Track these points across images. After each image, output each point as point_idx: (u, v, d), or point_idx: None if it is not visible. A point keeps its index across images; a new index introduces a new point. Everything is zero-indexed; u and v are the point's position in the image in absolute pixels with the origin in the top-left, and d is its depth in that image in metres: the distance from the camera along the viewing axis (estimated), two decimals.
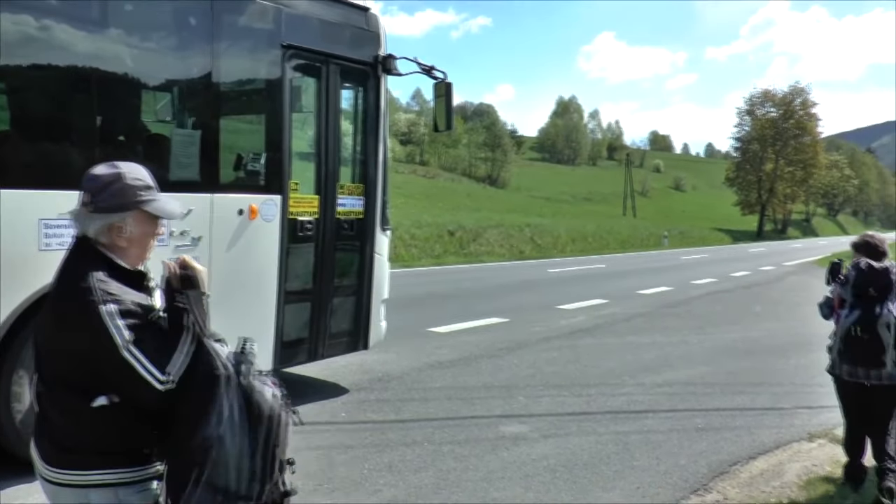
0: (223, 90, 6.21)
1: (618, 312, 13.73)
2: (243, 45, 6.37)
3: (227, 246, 6.04)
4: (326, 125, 6.93)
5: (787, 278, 24.18)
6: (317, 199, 6.82)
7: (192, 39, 6.00)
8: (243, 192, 6.23)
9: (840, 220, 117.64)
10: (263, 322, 6.34)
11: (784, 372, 9.63)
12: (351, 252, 7.27)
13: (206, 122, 6.06)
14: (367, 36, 7.18)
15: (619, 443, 6.21)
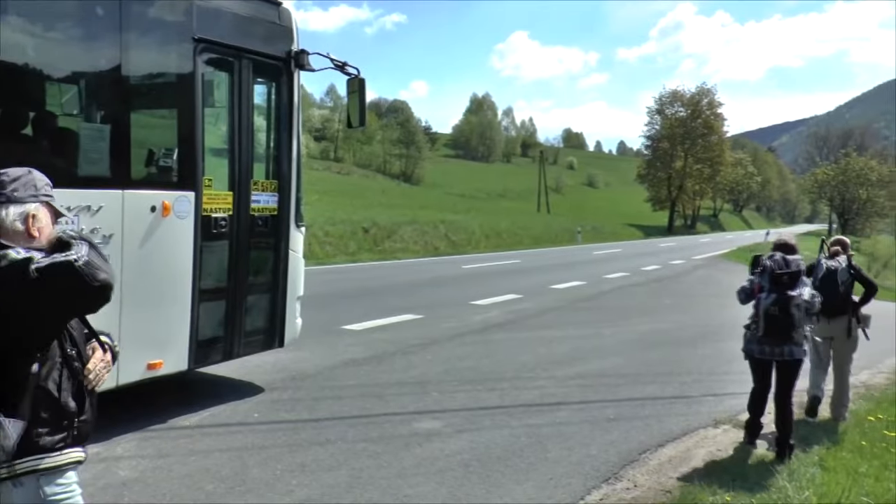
0: (133, 84, 6.07)
1: (531, 307, 13.84)
2: (153, 38, 6.17)
3: (139, 243, 5.86)
4: (239, 121, 6.75)
5: (695, 271, 24.82)
6: (231, 195, 6.65)
7: (99, 31, 5.77)
8: (156, 188, 6.04)
9: (745, 215, 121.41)
10: (178, 321, 6.23)
11: (692, 361, 9.88)
12: (265, 249, 7.15)
13: (115, 117, 5.87)
14: (279, 31, 7.06)
15: (532, 435, 6.24)
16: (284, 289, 7.22)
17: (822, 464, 5.84)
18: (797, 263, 6.03)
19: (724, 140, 79.27)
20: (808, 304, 5.92)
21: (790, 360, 5.99)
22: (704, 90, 76.54)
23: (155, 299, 6.01)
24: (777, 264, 5.99)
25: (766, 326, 5.97)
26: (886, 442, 6.55)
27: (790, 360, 5.99)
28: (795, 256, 6.09)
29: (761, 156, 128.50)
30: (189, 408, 6.44)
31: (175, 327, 6.20)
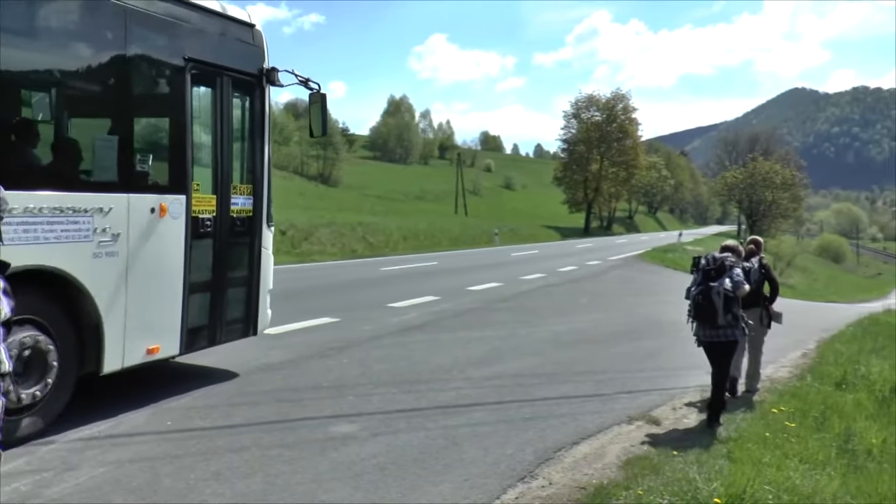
0: (136, 100, 6.86)
1: (449, 308, 13.88)
2: (153, 60, 6.91)
3: (141, 241, 6.54)
4: (221, 131, 7.51)
5: (611, 272, 25.26)
6: (214, 198, 7.40)
7: (109, 56, 6.39)
8: (154, 192, 6.73)
9: (659, 216, 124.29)
10: (172, 310, 6.95)
11: (607, 360, 10.07)
12: (242, 246, 7.93)
13: (122, 129, 6.56)
14: (253, 50, 7.91)
15: (448, 437, 6.24)
16: (258, 282, 8.09)
17: (730, 455, 6.02)
18: (723, 259, 6.98)
19: (639, 144, 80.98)
20: (729, 291, 6.79)
21: (723, 342, 7.01)
22: (619, 95, 78.18)
23: (153, 290, 6.73)
24: (707, 261, 7.04)
25: (695, 313, 7.05)
26: (787, 432, 6.81)
27: (723, 342, 7.01)
28: (725, 254, 7.11)
29: (674, 159, 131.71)
30: (98, 416, 6.24)
31: (169, 316, 6.94)
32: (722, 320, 6.85)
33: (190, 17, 7.14)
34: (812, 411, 7.64)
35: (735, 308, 6.88)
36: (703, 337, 7.08)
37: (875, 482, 5.79)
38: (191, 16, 7.16)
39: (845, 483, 5.71)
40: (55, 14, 6.07)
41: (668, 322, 14.32)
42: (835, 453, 6.45)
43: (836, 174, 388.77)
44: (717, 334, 6.97)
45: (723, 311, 6.81)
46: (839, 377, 9.32)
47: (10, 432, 5.28)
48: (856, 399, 8.36)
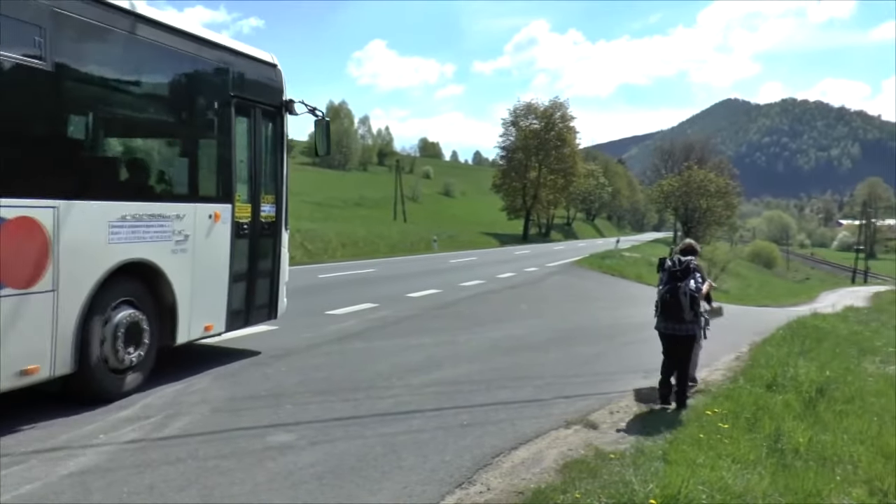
0: (199, 130, 8.69)
1: (387, 315, 13.84)
2: (211, 97, 8.66)
3: (202, 240, 8.29)
4: (254, 152, 9.27)
5: (549, 278, 25.45)
6: (249, 206, 9.17)
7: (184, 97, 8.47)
8: (212, 202, 8.50)
9: (597, 223, 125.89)
10: (220, 296, 8.71)
11: (545, 366, 10.14)
12: (268, 245, 9.67)
13: (191, 153, 8.64)
14: (276, 85, 9.77)
15: (387, 444, 6.22)
16: (278, 275, 9.89)
17: (665, 457, 6.11)
18: (688, 262, 7.92)
19: (577, 152, 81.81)
20: (694, 291, 7.74)
21: (684, 335, 7.90)
22: (557, 104, 78.84)
23: (209, 279, 8.46)
24: (673, 263, 7.95)
25: (662, 309, 7.94)
26: (721, 434, 6.94)
27: (684, 335, 7.90)
28: (689, 257, 8.02)
29: (612, 167, 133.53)
30: (25, 429, 6.07)
31: (219, 300, 8.69)
32: (687, 316, 7.80)
33: (234, 61, 8.92)
34: (744, 412, 7.80)
35: (697, 306, 7.83)
36: (667, 330, 7.96)
37: (801, 480, 5.95)
38: (234, 60, 8.95)
39: (774, 481, 5.85)
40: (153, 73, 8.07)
41: (604, 327, 14.55)
42: (765, 453, 6.60)
43: (767, 183, 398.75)
44: (681, 328, 7.87)
45: (688, 308, 7.76)
46: (770, 379, 9.51)
47: (119, 387, 7.25)
48: (785, 400, 8.55)
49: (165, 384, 7.86)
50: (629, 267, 30.54)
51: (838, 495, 5.77)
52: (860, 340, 14.95)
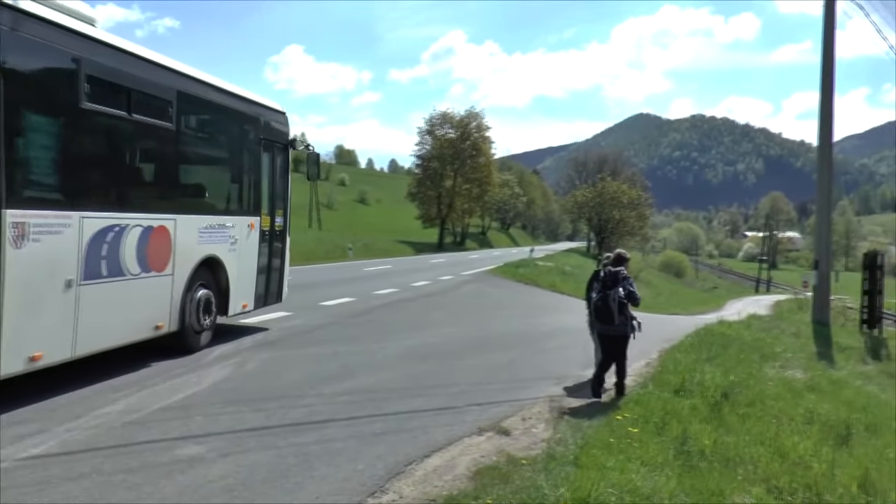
0: (244, 164, 11.92)
1: (301, 324, 13.66)
2: (251, 141, 12.04)
3: (243, 243, 11.62)
4: (272, 178, 12.67)
5: (464, 287, 25.53)
6: (269, 218, 12.53)
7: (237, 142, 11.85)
8: (250, 216, 11.87)
9: (512, 232, 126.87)
10: (251, 283, 12.06)
11: (459, 373, 10.18)
12: (278, 247, 13.04)
13: (239, 180, 11.88)
14: (285, 129, 13.14)
15: (299, 454, 6.16)
16: (284, 269, 13.35)
17: (576, 462, 6.21)
18: (618, 272, 9.04)
19: (492, 161, 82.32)
20: (622, 297, 8.84)
21: (618, 335, 9.02)
22: (473, 114, 79.20)
23: (246, 271, 11.77)
24: (605, 274, 9.12)
25: (595, 314, 9.14)
26: (631, 437, 7.09)
27: (618, 335, 9.02)
28: (619, 268, 9.14)
29: (527, 177, 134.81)
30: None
31: (251, 286, 12.03)
32: (617, 320, 8.89)
33: (263, 112, 12.38)
34: (653, 417, 8.00)
35: (626, 310, 8.92)
36: (603, 331, 9.11)
37: (706, 480, 6.14)
38: (263, 111, 12.38)
39: (681, 482, 6.01)
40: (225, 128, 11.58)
41: (518, 335, 14.70)
42: (672, 455, 6.78)
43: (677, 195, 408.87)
44: (614, 330, 8.97)
45: (618, 312, 8.85)
46: (678, 384, 9.77)
47: (198, 344, 10.45)
48: (692, 404, 8.80)
49: (66, 398, 7.61)
50: (543, 276, 30.89)
51: (740, 494, 5.97)
52: (762, 347, 15.46)
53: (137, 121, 8.91)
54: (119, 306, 8.68)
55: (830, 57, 23.94)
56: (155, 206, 9.41)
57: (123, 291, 8.69)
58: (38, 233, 7.24)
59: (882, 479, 7.23)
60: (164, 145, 9.62)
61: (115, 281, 8.51)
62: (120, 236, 8.56)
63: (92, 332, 8.15)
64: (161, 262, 9.40)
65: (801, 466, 7.16)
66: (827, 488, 6.64)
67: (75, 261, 7.83)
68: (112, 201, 8.66)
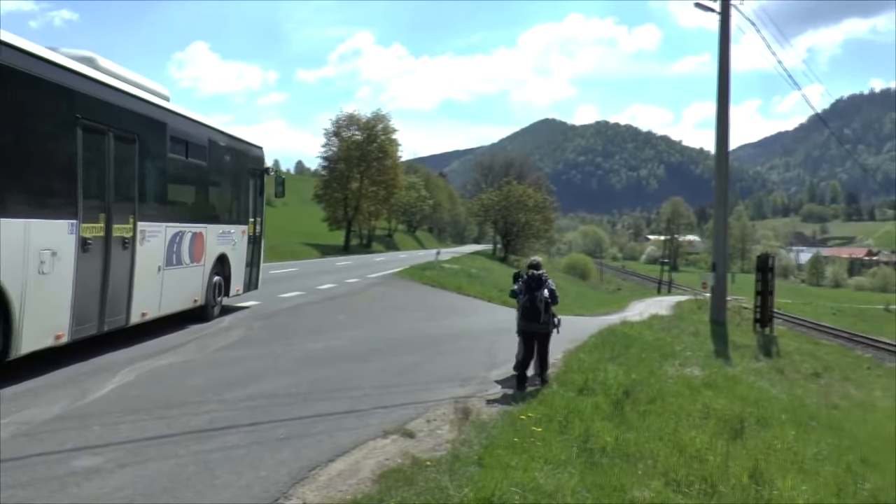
0: (241, 188, 16.27)
1: (203, 329, 13.37)
2: (244, 172, 16.42)
3: (239, 244, 15.93)
4: (255, 196, 17.09)
5: (370, 289, 25.43)
6: (253, 226, 16.86)
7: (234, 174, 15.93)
8: (243, 224, 16.20)
9: (418, 235, 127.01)
10: (242, 273, 16.32)
11: (364, 376, 10.13)
12: (257, 247, 17.44)
13: (236, 199, 16.04)
14: (262, 159, 17.58)
15: (201, 463, 6.02)
16: (261, 264, 17.79)
17: (480, 462, 6.26)
18: (541, 275, 10.12)
19: (399, 164, 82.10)
20: (547, 298, 9.91)
21: (542, 332, 10.07)
22: (380, 116, 78.72)
23: (239, 263, 15.99)
24: (529, 277, 10.11)
25: (523, 313, 10.07)
26: (534, 437, 7.18)
27: (542, 332, 10.07)
28: (541, 271, 10.18)
29: (433, 180, 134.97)
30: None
31: (241, 275, 16.28)
32: (543, 318, 9.92)
33: (251, 150, 16.90)
34: (557, 416, 8.12)
35: (550, 310, 9.99)
36: (529, 329, 10.05)
37: (607, 476, 6.27)
38: (251, 149, 16.90)
39: (583, 479, 6.12)
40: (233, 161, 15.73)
41: (423, 337, 14.73)
42: (575, 453, 6.90)
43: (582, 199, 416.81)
44: (539, 327, 9.99)
45: (543, 311, 9.89)
46: (581, 383, 9.96)
47: (213, 315, 14.51)
48: (595, 402, 8.96)
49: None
50: (449, 278, 31.01)
51: (639, 488, 6.11)
52: (663, 346, 15.91)
53: (190, 162, 13.42)
54: (180, 285, 13.08)
55: (726, 69, 24.87)
56: (197, 219, 13.81)
57: (182, 275, 13.14)
58: (149, 236, 11.60)
59: (770, 469, 7.50)
60: (201, 176, 14.15)
61: (179, 268, 12.96)
62: (182, 239, 12.97)
63: (167, 301, 12.56)
64: (199, 256, 13.83)
65: (698, 459, 7.36)
66: (721, 480, 6.85)
67: (163, 254, 12.28)
68: (178, 216, 13.03)
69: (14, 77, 8.22)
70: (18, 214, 8.35)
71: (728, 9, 24.54)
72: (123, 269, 10.75)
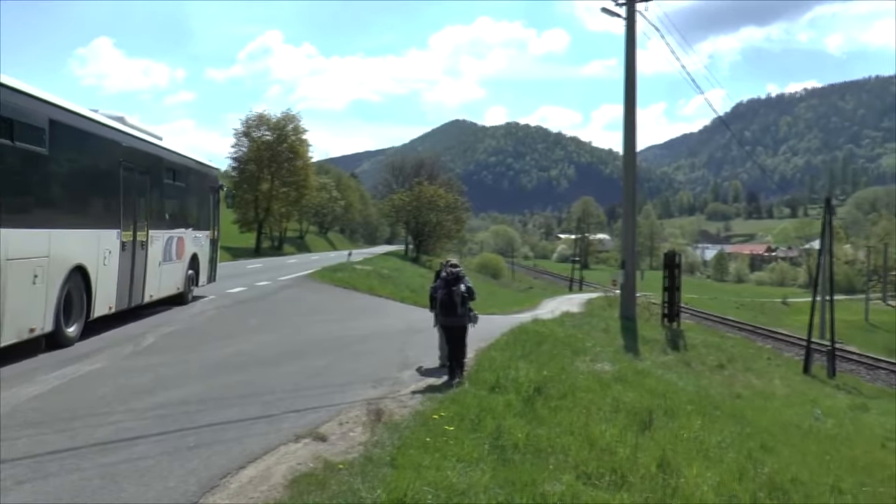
0: (203, 202, 20.71)
1: (110, 336, 13.03)
2: (207, 189, 21.10)
3: (205, 245, 20.82)
4: (215, 208, 21.74)
5: (281, 292, 25.14)
6: (212, 232, 21.61)
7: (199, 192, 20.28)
8: (207, 230, 21.09)
9: (330, 236, 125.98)
10: (207, 266, 21.06)
11: (276, 380, 10.02)
12: (215, 248, 22.05)
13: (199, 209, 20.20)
14: (217, 178, 22.67)
15: (107, 475, 5.83)
16: (217, 261, 22.48)
17: (393, 463, 6.26)
18: (458, 272, 10.74)
19: (310, 165, 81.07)
20: (464, 292, 10.58)
21: (459, 326, 10.68)
22: (290, 116, 77.61)
23: (205, 260, 20.67)
24: (447, 273, 10.71)
25: (441, 307, 10.64)
26: (447, 436, 7.22)
27: (459, 326, 10.68)
28: (458, 269, 10.83)
29: (345, 181, 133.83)
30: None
31: (207, 270, 21.08)
32: (460, 311, 10.56)
33: (212, 172, 22.17)
34: (469, 414, 8.17)
35: (467, 304, 10.64)
36: (446, 322, 10.71)
37: (519, 471, 6.35)
38: (212, 172, 22.18)
39: (495, 476, 6.18)
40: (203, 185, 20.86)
41: (335, 339, 14.66)
42: (487, 450, 6.96)
43: (494, 199, 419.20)
44: (456, 321, 10.62)
45: (460, 305, 10.53)
46: (493, 382, 10.04)
47: (189, 300, 19.04)
48: (506, 400, 9.05)
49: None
50: (361, 279, 30.92)
51: (551, 482, 6.19)
52: (574, 342, 16.18)
53: (176, 184, 17.86)
54: (171, 276, 17.47)
55: (632, 73, 25.51)
56: (180, 226, 18.18)
57: (172, 268, 17.51)
58: (155, 240, 15.97)
59: (678, 458, 7.72)
60: (182, 194, 18.54)
61: (170, 263, 17.29)
62: (172, 242, 17.32)
63: (164, 288, 16.92)
64: (182, 255, 18.21)
65: (608, 452, 7.50)
66: (630, 470, 7.00)
67: (162, 252, 16.58)
68: (171, 224, 17.36)
69: (89, 138, 12.86)
70: (94, 227, 12.93)
71: (633, 14, 25.18)
72: (141, 263, 15.14)
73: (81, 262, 12.06)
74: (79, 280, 12.10)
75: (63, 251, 11.44)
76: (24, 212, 10.48)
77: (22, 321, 10.37)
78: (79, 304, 12.18)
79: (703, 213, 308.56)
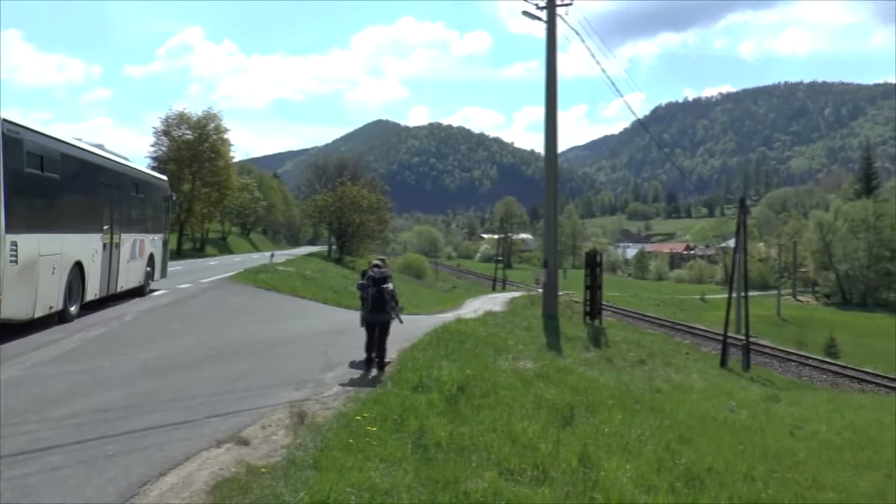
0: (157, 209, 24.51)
1: (29, 341, 12.66)
2: (160, 198, 25.36)
3: (161, 246, 25.11)
4: (166, 214, 26.26)
5: (203, 294, 24.74)
6: (164, 235, 25.74)
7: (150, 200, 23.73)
8: (161, 233, 25.04)
9: (252, 237, 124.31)
10: (161, 265, 25.08)
11: (197, 385, 9.90)
12: (166, 249, 26.79)
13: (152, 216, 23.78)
14: (167, 188, 26.42)
15: (19, 488, 5.68)
16: (167, 260, 27.24)
17: (316, 465, 6.27)
18: (384, 271, 11.47)
19: (231, 165, 79.79)
20: (392, 291, 11.37)
21: (384, 322, 11.46)
22: (211, 115, 76.19)
23: (159, 258, 24.67)
24: (375, 273, 11.34)
25: (371, 305, 11.27)
26: (370, 436, 7.25)
27: (384, 322, 11.46)
28: (384, 269, 11.54)
29: (267, 181, 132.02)
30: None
31: (161, 266, 25.06)
32: (388, 308, 11.30)
33: (164, 185, 26.17)
34: (392, 414, 8.22)
35: (393, 302, 11.37)
36: (374, 319, 11.41)
37: (442, 470, 6.43)
38: (164, 184, 26.20)
39: (418, 475, 6.25)
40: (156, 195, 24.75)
41: (257, 342, 14.53)
42: (410, 450, 7.02)
43: (417, 199, 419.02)
44: (382, 317, 11.37)
45: (389, 302, 11.27)
46: (416, 381, 10.10)
47: (147, 291, 22.86)
48: (429, 399, 9.12)
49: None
50: (284, 281, 30.65)
51: (473, 480, 6.28)
52: (497, 341, 16.34)
53: (138, 196, 21.47)
54: (135, 271, 20.97)
55: (553, 75, 25.89)
56: (141, 231, 21.77)
57: (136, 266, 20.97)
58: (124, 242, 19.64)
59: (598, 452, 7.90)
60: (142, 203, 22.13)
61: (134, 261, 20.77)
62: (136, 243, 20.90)
63: (130, 281, 20.37)
64: (143, 254, 21.81)
65: (530, 448, 7.64)
66: (552, 465, 7.14)
67: (129, 252, 20.14)
68: (135, 228, 20.94)
69: (84, 164, 16.81)
70: (87, 231, 16.72)
71: (554, 18, 25.53)
72: (116, 260, 18.87)
73: (80, 259, 15.89)
74: (77, 273, 15.79)
75: (69, 250, 15.25)
76: (49, 222, 14.34)
77: (46, 300, 14.09)
78: (77, 291, 15.87)
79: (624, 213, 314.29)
